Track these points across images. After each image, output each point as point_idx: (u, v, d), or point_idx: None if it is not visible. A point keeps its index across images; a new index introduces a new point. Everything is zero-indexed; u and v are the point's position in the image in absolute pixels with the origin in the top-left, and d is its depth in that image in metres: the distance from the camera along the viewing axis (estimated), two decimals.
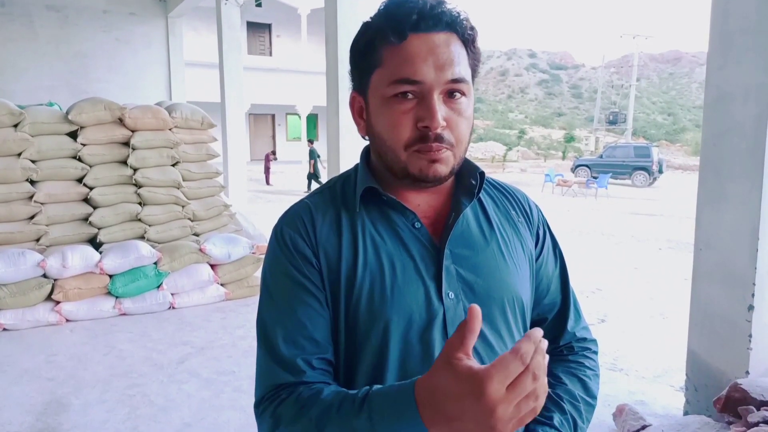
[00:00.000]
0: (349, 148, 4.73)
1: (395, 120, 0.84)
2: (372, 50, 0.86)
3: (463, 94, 0.85)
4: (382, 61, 0.85)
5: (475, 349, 0.87)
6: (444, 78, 0.83)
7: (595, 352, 1.04)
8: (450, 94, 0.84)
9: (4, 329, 4.16)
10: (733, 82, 2.50)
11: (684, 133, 49.44)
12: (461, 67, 0.84)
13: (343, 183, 0.96)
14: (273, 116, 26.34)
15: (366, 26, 0.88)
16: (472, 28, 0.87)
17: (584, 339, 1.04)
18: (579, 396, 0.97)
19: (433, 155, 0.84)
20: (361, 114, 0.92)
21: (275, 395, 0.85)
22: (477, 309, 0.64)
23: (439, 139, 0.83)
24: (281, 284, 0.89)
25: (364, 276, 0.87)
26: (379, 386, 0.76)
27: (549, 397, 0.95)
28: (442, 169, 0.86)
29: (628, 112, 39.17)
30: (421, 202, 0.93)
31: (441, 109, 0.83)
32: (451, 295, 0.88)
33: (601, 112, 45.90)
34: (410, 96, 0.83)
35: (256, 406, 0.88)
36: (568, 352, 1.02)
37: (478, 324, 0.64)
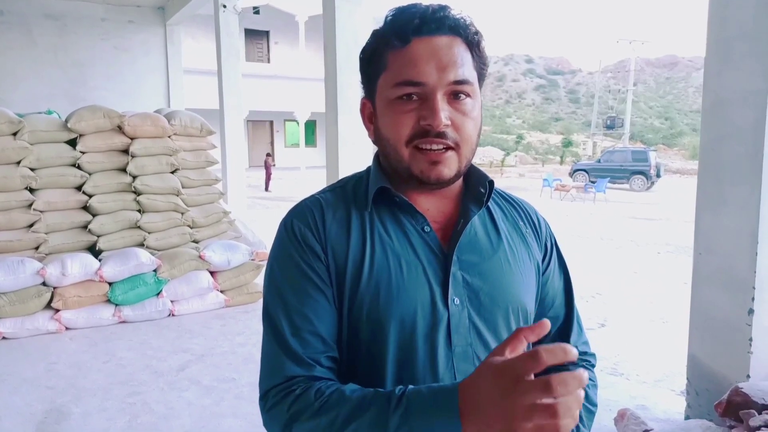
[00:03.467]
0: (348, 155, 4.73)
1: (398, 119, 0.85)
2: (378, 56, 0.88)
3: (467, 95, 0.85)
4: (387, 65, 0.86)
5: (477, 356, 0.88)
6: (447, 79, 0.83)
7: (593, 366, 1.05)
8: (454, 96, 0.85)
9: (4, 338, 4.15)
10: (730, 87, 2.51)
11: (681, 137, 49.59)
12: (465, 69, 0.85)
13: (355, 183, 0.97)
14: (271, 123, 26.40)
15: (373, 34, 0.90)
16: (477, 32, 0.87)
17: (584, 353, 1.05)
18: None
19: (434, 156, 0.85)
20: (371, 119, 0.93)
21: (286, 389, 0.83)
22: (547, 323, 0.68)
23: (441, 135, 0.83)
24: (289, 276, 0.88)
25: (371, 274, 0.87)
26: (415, 387, 0.76)
27: None
28: (446, 171, 0.86)
29: (626, 116, 39.22)
30: (430, 207, 0.93)
31: (444, 109, 0.83)
32: (457, 301, 0.88)
33: (598, 117, 45.89)
34: (414, 97, 0.84)
35: (263, 398, 0.86)
36: (569, 363, 1.02)
37: (535, 335, 0.67)
